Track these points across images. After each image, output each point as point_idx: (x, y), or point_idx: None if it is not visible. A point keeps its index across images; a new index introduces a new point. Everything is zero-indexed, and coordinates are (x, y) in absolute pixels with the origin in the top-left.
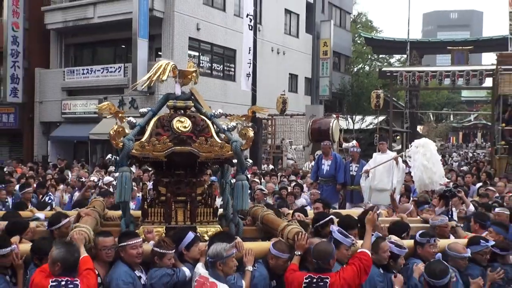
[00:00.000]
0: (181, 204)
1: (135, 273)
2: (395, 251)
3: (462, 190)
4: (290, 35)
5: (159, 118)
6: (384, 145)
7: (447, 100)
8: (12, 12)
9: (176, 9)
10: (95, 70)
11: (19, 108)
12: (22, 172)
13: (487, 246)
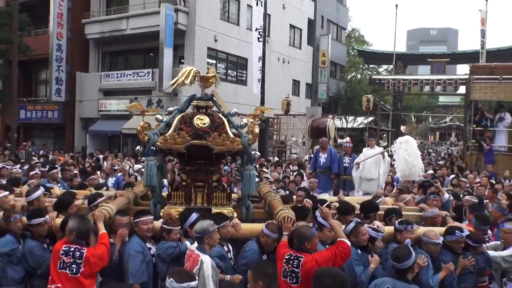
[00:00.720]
0: (200, 188)
1: (146, 245)
2: (372, 234)
3: (438, 180)
4: (293, 46)
5: (182, 116)
6: (372, 141)
7: (426, 104)
8: (57, 23)
9: (197, 23)
10: (127, 74)
11: (62, 106)
12: (65, 161)
13: (461, 236)
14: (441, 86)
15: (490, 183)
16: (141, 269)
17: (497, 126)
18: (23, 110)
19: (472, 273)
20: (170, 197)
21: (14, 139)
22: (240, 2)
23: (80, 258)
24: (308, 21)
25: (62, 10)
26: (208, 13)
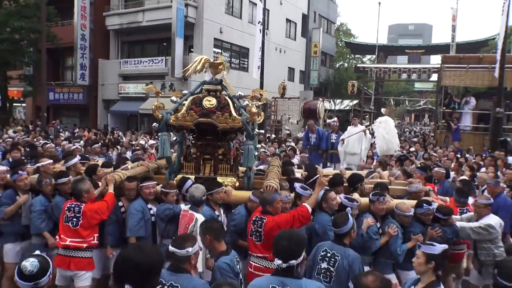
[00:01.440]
0: (208, 160)
1: (147, 206)
2: (347, 204)
3: (413, 155)
4: (289, 38)
5: (193, 98)
6: (356, 120)
7: (404, 89)
8: (80, 16)
9: (205, 17)
10: (143, 61)
11: (86, 89)
12: (89, 137)
13: (429, 208)
14: (416, 74)
15: (456, 157)
16: (139, 225)
17: (463, 109)
18: (52, 92)
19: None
20: (183, 167)
21: (44, 118)
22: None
23: (79, 212)
24: (302, 16)
25: (85, 4)
26: (215, 8)
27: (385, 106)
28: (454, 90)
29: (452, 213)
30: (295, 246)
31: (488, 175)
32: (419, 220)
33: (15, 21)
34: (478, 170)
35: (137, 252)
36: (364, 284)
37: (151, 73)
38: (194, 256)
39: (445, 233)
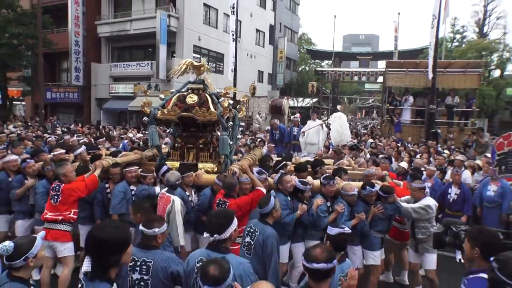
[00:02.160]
0: (191, 149)
1: (129, 187)
2: (300, 187)
3: (362, 144)
4: (259, 45)
5: (179, 95)
6: (314, 115)
7: (355, 89)
8: (74, 24)
9: (185, 26)
10: (131, 64)
11: (80, 89)
12: (82, 131)
13: (371, 190)
14: (366, 76)
15: (397, 146)
16: (120, 204)
17: (403, 105)
18: (49, 92)
19: (382, 219)
20: (169, 155)
21: (42, 115)
22: (218, 11)
23: (58, 191)
24: (269, 26)
25: (78, 13)
26: (194, 18)
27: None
28: (396, 90)
29: (393, 192)
30: (221, 223)
31: (422, 161)
32: (364, 200)
33: (13, 28)
34: (415, 156)
35: (102, 230)
36: (313, 256)
37: (138, 75)
38: (161, 235)
39: (386, 209)
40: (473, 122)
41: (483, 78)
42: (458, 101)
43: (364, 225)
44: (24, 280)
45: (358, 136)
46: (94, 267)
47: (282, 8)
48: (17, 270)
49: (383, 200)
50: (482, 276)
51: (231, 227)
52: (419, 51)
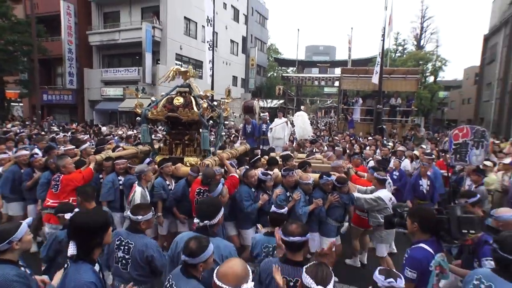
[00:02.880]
0: (178, 145)
1: (117, 178)
2: (261, 177)
3: (321, 138)
4: (233, 54)
5: (167, 98)
6: (281, 114)
7: (316, 92)
8: (67, 33)
9: (168, 37)
10: (120, 70)
11: (74, 91)
12: (76, 129)
13: (327, 180)
14: (324, 81)
15: (350, 139)
16: (109, 193)
17: (355, 106)
18: (45, 94)
19: (339, 207)
20: (160, 150)
21: (39, 115)
22: (197, 23)
23: (58, 181)
24: (242, 37)
25: (70, 24)
26: (176, 30)
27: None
28: (350, 92)
29: (346, 182)
30: (211, 210)
31: (371, 151)
32: (322, 189)
33: (8, 35)
34: (365, 148)
35: (84, 216)
36: (290, 231)
37: (127, 80)
38: (145, 222)
39: (342, 198)
40: (412, 119)
41: (420, 83)
42: (400, 102)
43: (321, 211)
44: (13, 262)
45: (318, 132)
46: (79, 250)
47: (253, 22)
48: (3, 253)
49: (338, 189)
50: (421, 245)
51: (220, 214)
52: (369, 60)
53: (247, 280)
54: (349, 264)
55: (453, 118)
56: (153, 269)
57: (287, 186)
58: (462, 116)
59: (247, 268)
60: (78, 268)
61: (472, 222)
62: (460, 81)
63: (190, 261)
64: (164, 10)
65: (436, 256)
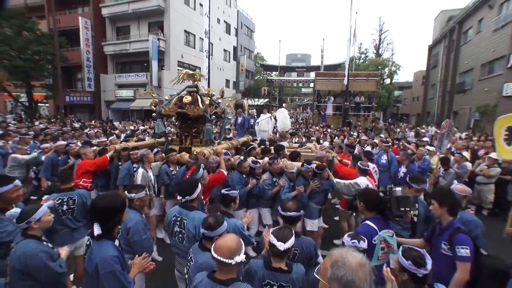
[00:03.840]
0: (187, 136)
1: (132, 165)
2: (251, 165)
3: (300, 130)
4: (226, 61)
5: (178, 97)
6: (265, 110)
7: (295, 92)
8: (85, 44)
9: (171, 47)
10: (131, 75)
11: (92, 93)
12: (94, 125)
13: (308, 167)
14: (302, 83)
15: (323, 131)
16: (125, 178)
17: (327, 103)
18: (68, 96)
19: (319, 192)
20: (172, 141)
21: (62, 114)
22: (195, 36)
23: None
24: (233, 47)
25: (88, 36)
26: (177, 41)
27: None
28: (323, 92)
29: (324, 169)
30: (189, 187)
31: (339, 140)
32: (304, 176)
33: (34, 47)
34: (335, 137)
35: (100, 200)
36: (287, 207)
37: (136, 83)
38: (138, 200)
39: (323, 184)
40: (373, 114)
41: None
42: (363, 100)
43: (303, 196)
44: (37, 237)
45: (297, 125)
46: (102, 229)
47: (242, 34)
48: (27, 230)
49: (319, 176)
50: (366, 222)
51: (197, 190)
52: (338, 65)
53: (240, 253)
54: (337, 244)
55: (406, 113)
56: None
57: (274, 172)
58: (412, 111)
59: (240, 242)
60: (100, 244)
61: (408, 201)
62: (411, 83)
63: (208, 234)
64: (167, 24)
65: (381, 232)
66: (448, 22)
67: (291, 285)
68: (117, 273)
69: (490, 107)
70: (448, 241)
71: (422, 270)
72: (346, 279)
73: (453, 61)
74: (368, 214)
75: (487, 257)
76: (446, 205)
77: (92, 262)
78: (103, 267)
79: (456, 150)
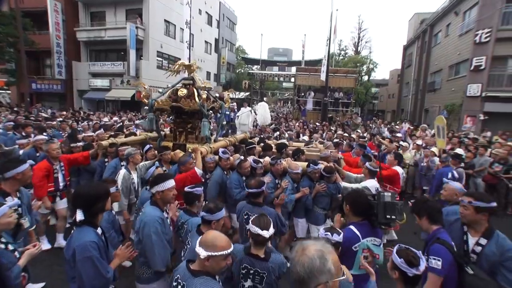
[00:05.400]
0: (181, 132)
1: (120, 162)
2: (253, 165)
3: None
4: (207, 53)
5: (173, 89)
6: (245, 104)
7: (276, 86)
8: (55, 29)
9: (150, 36)
10: (106, 64)
11: (63, 81)
12: (65, 115)
13: (315, 168)
14: (283, 77)
15: (303, 125)
16: (111, 176)
17: (307, 98)
18: (34, 83)
19: (325, 196)
20: (165, 136)
21: (27, 102)
22: (175, 26)
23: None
24: (214, 39)
25: (58, 20)
26: (157, 31)
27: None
28: (303, 87)
29: (333, 172)
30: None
31: (318, 135)
32: (310, 177)
33: None
34: (315, 132)
35: (83, 187)
36: (250, 184)
37: (113, 72)
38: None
39: (329, 188)
40: (351, 109)
41: (357, 81)
42: (342, 96)
43: (307, 199)
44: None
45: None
46: (85, 215)
47: (224, 26)
48: None
49: (326, 179)
50: (350, 227)
51: (157, 187)
52: (318, 61)
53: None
54: None
55: (382, 109)
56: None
57: (276, 174)
58: (388, 108)
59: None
60: (81, 230)
61: (395, 208)
62: (387, 80)
63: (207, 217)
64: (146, 13)
65: (364, 239)
66: (421, 24)
67: (266, 273)
68: (94, 259)
69: (456, 106)
70: (426, 252)
71: (414, 270)
72: (306, 266)
73: (425, 62)
74: (353, 219)
75: (473, 277)
76: (423, 215)
77: (70, 247)
78: (80, 252)
79: (427, 145)
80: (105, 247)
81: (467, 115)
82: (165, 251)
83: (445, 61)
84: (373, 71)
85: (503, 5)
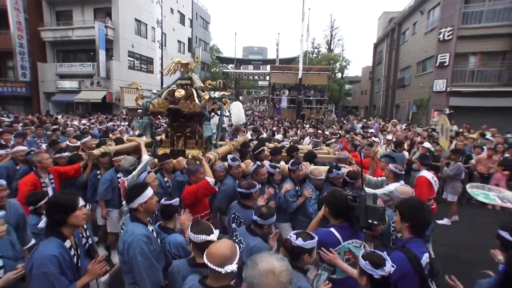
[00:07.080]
0: (180, 137)
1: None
2: (270, 170)
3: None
4: (180, 52)
5: (169, 90)
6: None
7: (252, 85)
8: (16, 28)
9: (120, 36)
10: (75, 65)
11: (28, 84)
12: (31, 119)
13: (338, 173)
14: (258, 76)
15: (278, 123)
16: (106, 192)
17: (282, 96)
18: None
19: None
20: (162, 142)
21: None
22: (147, 25)
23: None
24: (188, 38)
25: (20, 19)
26: (127, 30)
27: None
28: (278, 85)
29: (358, 177)
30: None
31: (293, 132)
32: (332, 183)
33: None
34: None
35: (56, 195)
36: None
37: (82, 73)
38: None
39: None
40: (325, 106)
41: (331, 78)
42: (315, 93)
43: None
44: None
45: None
46: (47, 224)
47: (197, 25)
48: None
49: (350, 185)
50: (330, 230)
51: (138, 199)
52: (292, 59)
53: (232, 262)
54: None
55: (355, 105)
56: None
57: (296, 180)
58: (361, 104)
59: (234, 250)
60: (45, 242)
61: (377, 213)
62: (360, 77)
63: (260, 222)
64: (116, 11)
65: (345, 242)
66: (390, 22)
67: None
68: (50, 275)
69: (424, 101)
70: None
71: (379, 271)
72: (250, 281)
73: (394, 59)
74: (333, 221)
75: None
76: (408, 222)
77: (30, 260)
78: (36, 267)
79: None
80: (73, 261)
81: (434, 109)
82: (154, 271)
83: (413, 58)
84: (346, 68)
85: (462, 5)
